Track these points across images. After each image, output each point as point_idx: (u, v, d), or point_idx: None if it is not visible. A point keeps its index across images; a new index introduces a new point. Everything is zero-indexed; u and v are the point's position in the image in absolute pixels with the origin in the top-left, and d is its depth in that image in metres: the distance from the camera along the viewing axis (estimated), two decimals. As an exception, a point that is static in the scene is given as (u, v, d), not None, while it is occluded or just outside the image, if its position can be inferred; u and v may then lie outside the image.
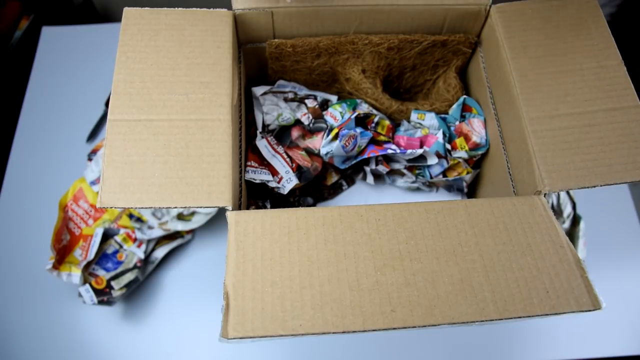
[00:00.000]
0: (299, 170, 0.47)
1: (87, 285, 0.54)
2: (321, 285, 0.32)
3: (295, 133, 0.49)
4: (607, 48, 0.42)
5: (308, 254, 0.34)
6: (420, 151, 0.48)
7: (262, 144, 0.47)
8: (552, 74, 0.41)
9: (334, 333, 0.31)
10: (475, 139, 0.48)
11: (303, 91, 0.53)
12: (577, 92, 0.40)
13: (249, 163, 0.46)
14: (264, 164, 0.47)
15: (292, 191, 0.50)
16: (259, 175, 0.45)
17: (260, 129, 0.48)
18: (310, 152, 0.49)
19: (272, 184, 0.46)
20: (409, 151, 0.48)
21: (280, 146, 0.48)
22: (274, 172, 0.47)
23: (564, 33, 0.43)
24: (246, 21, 0.46)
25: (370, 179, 0.51)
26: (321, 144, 0.48)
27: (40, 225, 0.61)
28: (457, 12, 0.47)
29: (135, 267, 0.57)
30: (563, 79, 0.41)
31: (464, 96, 0.51)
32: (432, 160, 0.49)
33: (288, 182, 0.46)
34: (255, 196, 0.49)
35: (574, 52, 0.42)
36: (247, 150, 0.47)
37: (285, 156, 0.47)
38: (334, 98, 0.53)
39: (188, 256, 0.62)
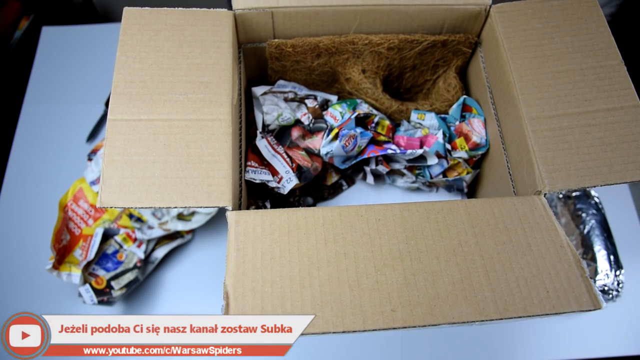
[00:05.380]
0: (299, 170, 0.47)
1: (87, 285, 0.54)
2: (321, 285, 0.32)
3: (295, 133, 0.49)
4: (607, 48, 0.42)
5: (308, 254, 0.34)
6: (420, 151, 0.48)
7: (262, 144, 0.47)
8: (552, 74, 0.41)
9: (334, 333, 0.31)
10: (475, 139, 0.48)
11: (303, 91, 0.53)
12: (577, 92, 0.40)
13: (249, 163, 0.46)
14: (264, 164, 0.47)
15: (292, 191, 0.50)
16: (259, 175, 0.45)
17: (260, 129, 0.48)
18: (310, 152, 0.49)
19: (272, 184, 0.46)
20: (409, 151, 0.48)
21: (280, 146, 0.48)
22: (274, 172, 0.47)
23: (564, 33, 0.43)
24: (246, 21, 0.46)
25: (370, 179, 0.51)
26: (321, 144, 0.48)
27: (40, 225, 0.61)
28: (457, 12, 0.47)
29: (135, 267, 0.57)
30: (563, 79, 0.41)
31: (464, 96, 0.51)
32: (432, 161, 0.49)
33: (288, 182, 0.46)
34: (255, 196, 0.49)
35: (574, 52, 0.42)
36: (247, 150, 0.47)
37: (285, 156, 0.47)
38: (334, 98, 0.53)
39: (188, 256, 0.62)
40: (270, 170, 0.47)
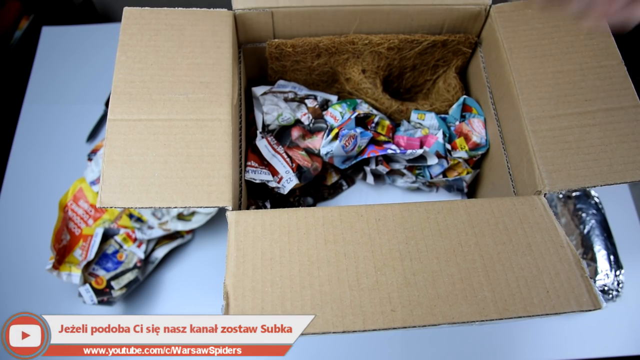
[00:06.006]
0: (299, 170, 0.47)
1: (87, 285, 0.54)
2: (321, 285, 0.32)
3: (295, 133, 0.49)
4: (607, 48, 0.42)
5: (308, 254, 0.34)
6: (420, 151, 0.48)
7: (262, 144, 0.47)
8: (552, 73, 0.41)
9: (334, 333, 0.31)
10: (475, 139, 0.48)
11: (303, 91, 0.53)
12: (577, 92, 0.40)
13: (249, 163, 0.46)
14: (264, 164, 0.47)
15: (292, 191, 0.50)
16: (259, 175, 0.45)
17: (260, 129, 0.48)
18: (310, 152, 0.49)
19: (272, 184, 0.46)
20: (409, 151, 0.48)
21: (280, 146, 0.48)
22: (274, 172, 0.47)
23: (564, 33, 0.43)
24: (246, 21, 0.46)
25: (370, 179, 0.51)
26: (321, 144, 0.48)
27: (40, 225, 0.61)
28: (457, 12, 0.47)
29: (135, 267, 0.57)
30: (563, 79, 0.41)
31: (464, 96, 0.51)
32: (432, 160, 0.49)
33: (288, 182, 0.46)
34: (255, 196, 0.49)
35: (574, 52, 0.42)
36: (247, 150, 0.47)
37: (285, 156, 0.47)
38: (334, 98, 0.53)
39: (188, 256, 0.62)
40: (270, 170, 0.47)
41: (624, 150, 0.38)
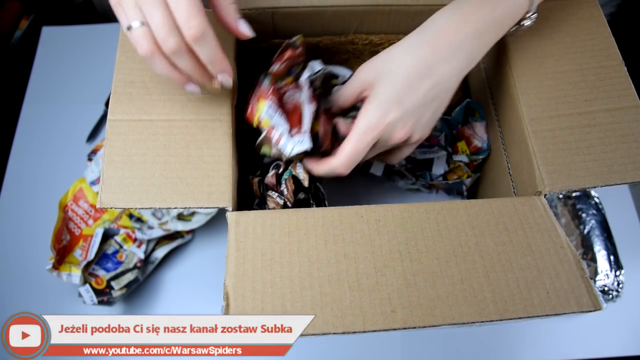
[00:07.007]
0: (315, 137, 0.40)
1: (87, 286, 0.54)
2: (321, 285, 0.32)
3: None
4: (607, 48, 0.42)
5: (308, 255, 0.34)
6: (443, 153, 0.44)
7: (305, 84, 0.41)
8: (552, 74, 0.41)
9: (333, 333, 0.31)
10: (477, 143, 0.48)
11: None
12: (577, 92, 0.40)
13: (267, 96, 0.37)
14: (283, 104, 0.40)
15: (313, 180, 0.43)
16: (274, 115, 0.38)
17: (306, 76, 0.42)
18: (335, 134, 0.42)
19: (278, 134, 0.38)
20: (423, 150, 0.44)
21: (320, 106, 0.41)
22: (294, 121, 0.39)
23: (564, 33, 0.43)
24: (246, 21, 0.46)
25: (376, 169, 0.50)
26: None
27: (40, 225, 0.61)
28: (457, 12, 0.46)
29: (135, 267, 0.57)
30: (563, 79, 0.41)
31: (467, 99, 0.51)
32: (438, 170, 0.48)
33: (300, 143, 0.39)
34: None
35: (574, 52, 0.42)
36: (265, 86, 0.39)
37: (314, 115, 0.40)
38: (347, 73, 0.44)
39: (188, 256, 0.62)
40: (291, 118, 0.38)
41: (624, 150, 0.38)
